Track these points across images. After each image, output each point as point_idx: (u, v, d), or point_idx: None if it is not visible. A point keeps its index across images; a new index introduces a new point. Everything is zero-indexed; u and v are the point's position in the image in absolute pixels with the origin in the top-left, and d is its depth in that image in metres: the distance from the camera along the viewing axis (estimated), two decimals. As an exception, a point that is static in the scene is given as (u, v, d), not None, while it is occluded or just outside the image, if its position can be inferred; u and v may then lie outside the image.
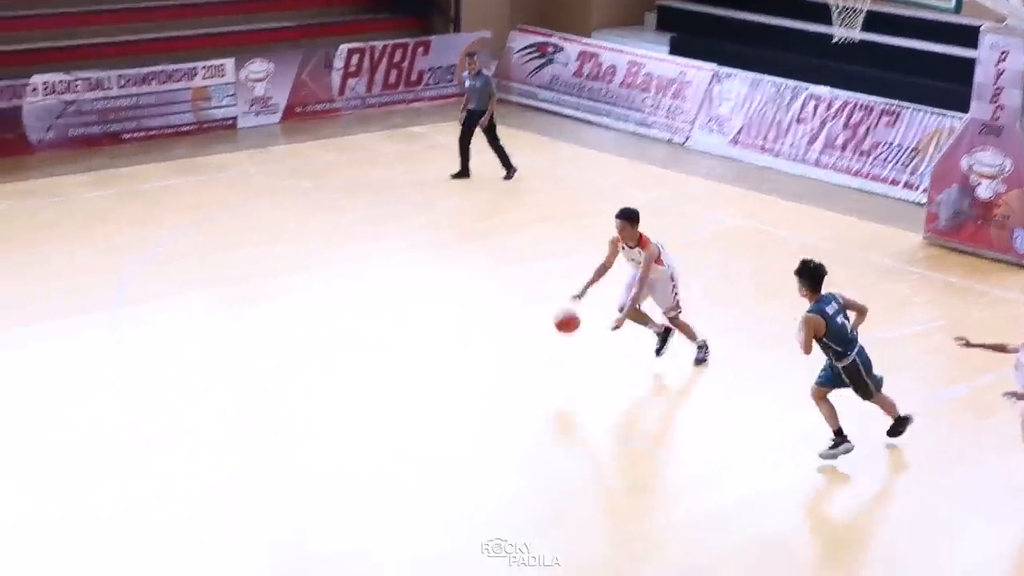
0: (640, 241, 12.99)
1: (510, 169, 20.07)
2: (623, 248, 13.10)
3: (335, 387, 13.06)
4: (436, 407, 12.68)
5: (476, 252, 17.13)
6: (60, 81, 21.09)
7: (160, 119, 22.03)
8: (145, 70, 21.81)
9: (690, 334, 13.40)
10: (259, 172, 20.48)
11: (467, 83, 20.20)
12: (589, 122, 23.72)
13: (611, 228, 18.10)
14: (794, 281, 11.51)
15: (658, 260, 13.02)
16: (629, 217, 13.06)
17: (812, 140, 20.94)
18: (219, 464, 11.51)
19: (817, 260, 11.50)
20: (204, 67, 22.42)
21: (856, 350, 11.30)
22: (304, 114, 23.50)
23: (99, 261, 16.43)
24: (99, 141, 21.44)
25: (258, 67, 23.03)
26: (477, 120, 19.83)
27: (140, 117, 21.85)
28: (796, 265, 11.50)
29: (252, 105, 23.02)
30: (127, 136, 21.73)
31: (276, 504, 10.87)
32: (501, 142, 20.06)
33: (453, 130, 20.33)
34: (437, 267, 16.62)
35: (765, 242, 17.57)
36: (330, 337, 14.25)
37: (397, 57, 24.49)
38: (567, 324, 12.77)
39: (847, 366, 11.30)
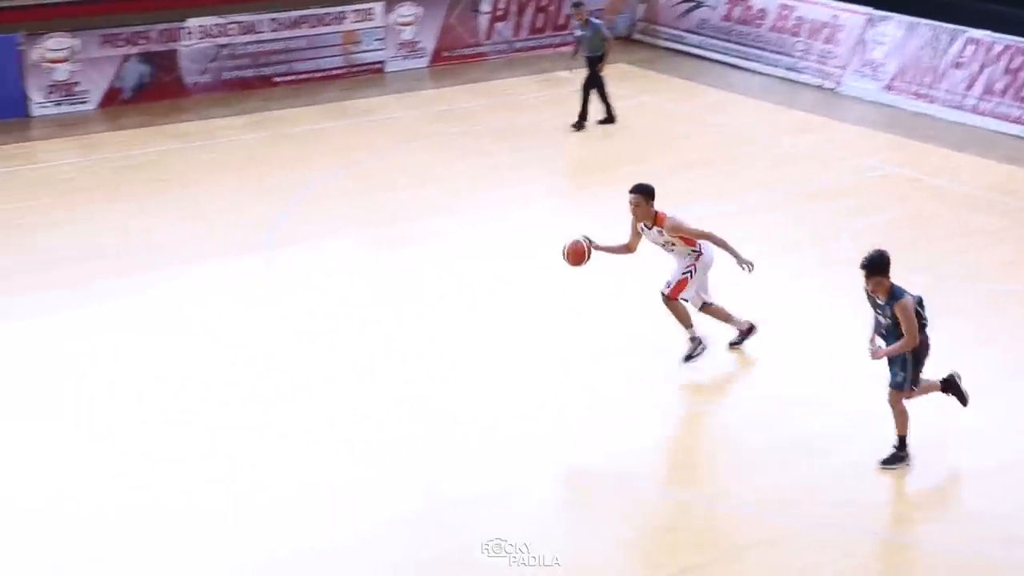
0: (656, 219, 11.99)
1: (583, 121, 19.72)
2: (643, 229, 12.11)
3: (480, 331, 13.13)
4: (577, 354, 12.67)
5: (622, 197, 17.00)
6: (214, 25, 21.48)
7: (311, 63, 22.32)
8: (296, 14, 22.09)
9: (686, 321, 12.31)
10: (406, 116, 20.63)
11: (577, 33, 20.09)
12: (737, 67, 23.37)
13: (755, 174, 17.94)
14: (947, 229, 11.14)
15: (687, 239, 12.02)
16: (644, 192, 12.02)
17: (970, 85, 20.34)
18: (365, 404, 11.69)
19: (875, 249, 10.57)
20: (354, 11, 22.62)
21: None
22: (451, 58, 23.57)
23: (251, 203, 16.75)
24: (252, 84, 21.81)
25: (407, 11, 23.15)
26: (596, 66, 19.64)
27: (291, 61, 22.17)
28: (863, 261, 10.49)
29: (400, 49, 23.17)
30: (279, 79, 22.05)
31: (419, 447, 11.00)
32: (590, 96, 19.72)
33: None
34: (583, 211, 16.57)
35: (919, 191, 17.17)
36: (475, 281, 14.33)
37: (544, 0, 24.39)
38: (575, 254, 12.02)
39: (918, 347, 10.37)
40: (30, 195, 17.04)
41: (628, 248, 12.30)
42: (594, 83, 19.75)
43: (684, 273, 12.13)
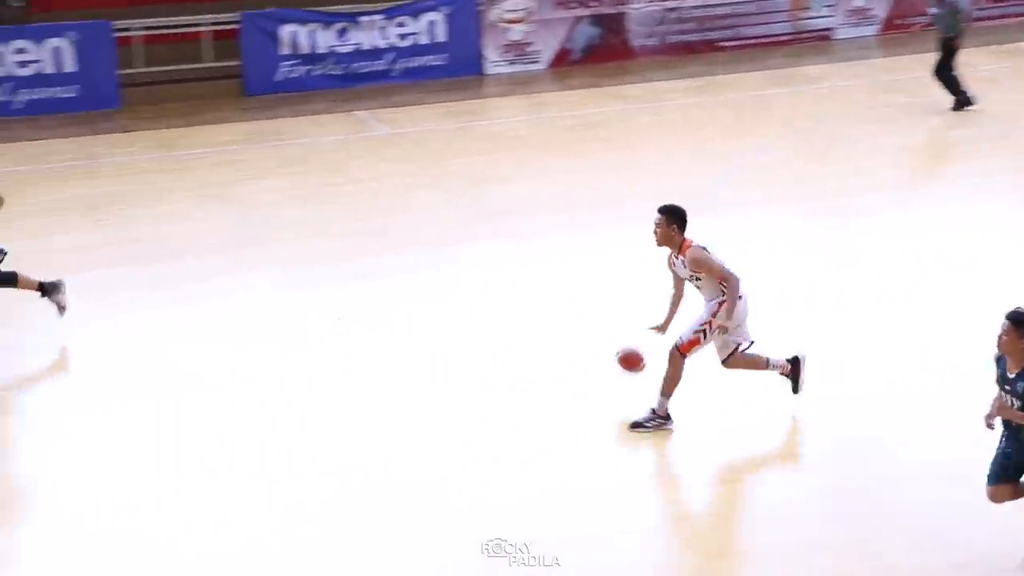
0: (681, 247, 10.16)
1: (962, 98, 18.40)
2: (672, 262, 10.28)
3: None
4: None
5: (996, 188, 15.85)
6: (665, -12, 21.77)
7: (758, 28, 22.23)
8: (749, -23, 22.07)
9: (670, 388, 10.17)
10: (854, 85, 20.21)
11: (932, 11, 19.04)
12: None
13: None
14: None
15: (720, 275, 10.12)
16: (669, 213, 10.13)
17: None
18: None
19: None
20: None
21: None
22: (903, 26, 22.86)
23: (692, 166, 16.87)
24: (696, 48, 21.94)
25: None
26: (950, 46, 18.36)
27: (738, 26, 22.15)
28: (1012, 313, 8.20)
29: (850, 16, 22.67)
30: (724, 44, 22.07)
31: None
32: (954, 72, 18.42)
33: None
34: (976, 198, 15.49)
35: None
36: (909, 266, 13.58)
37: (1008, -32, 23.26)
38: (630, 361, 10.28)
39: None
40: (482, 150, 17.90)
41: (677, 296, 10.46)
42: (945, 65, 18.42)
43: (698, 329, 10.13)
